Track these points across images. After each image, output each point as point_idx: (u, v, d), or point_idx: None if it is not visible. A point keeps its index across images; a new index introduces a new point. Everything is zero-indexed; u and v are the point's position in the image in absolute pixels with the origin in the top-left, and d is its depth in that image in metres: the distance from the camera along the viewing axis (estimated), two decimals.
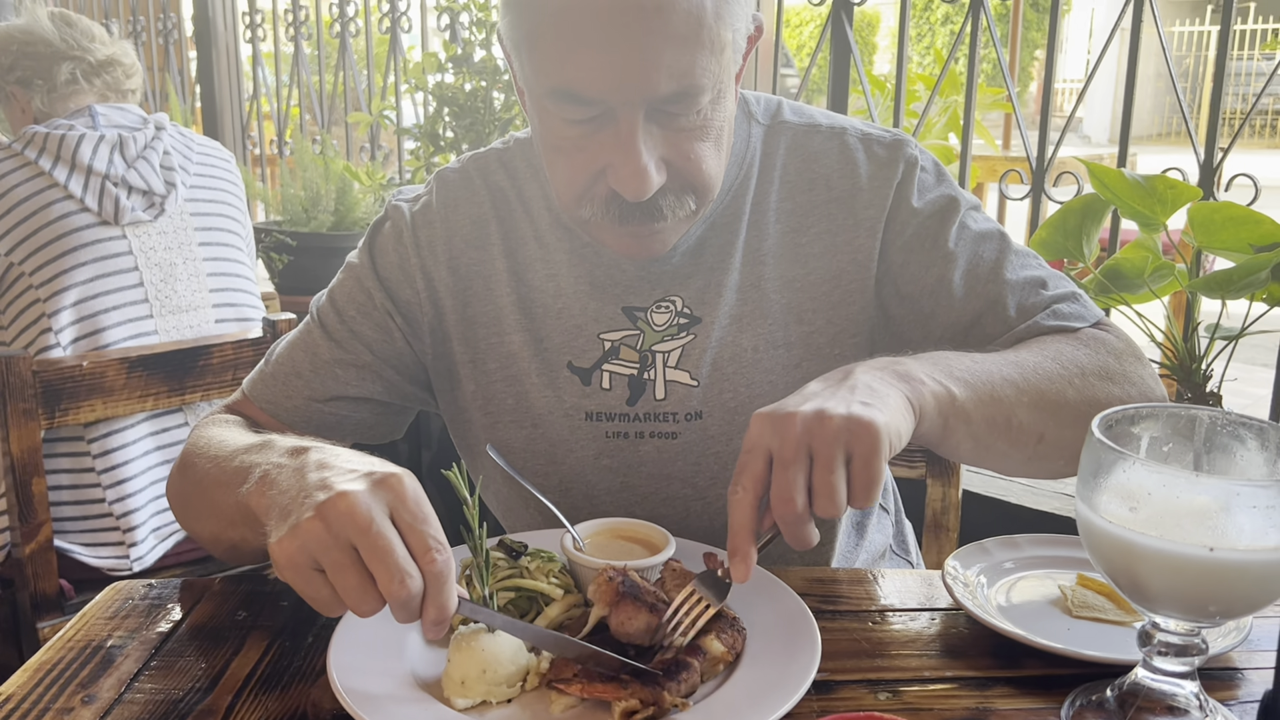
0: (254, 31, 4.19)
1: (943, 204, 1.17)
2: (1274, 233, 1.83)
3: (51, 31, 2.12)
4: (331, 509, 0.79)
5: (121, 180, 2.02)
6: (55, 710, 0.88)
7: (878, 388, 0.92)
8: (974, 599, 1.01)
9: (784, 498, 0.85)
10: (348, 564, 0.78)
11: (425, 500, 0.82)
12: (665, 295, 1.17)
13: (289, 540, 0.79)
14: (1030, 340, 1.10)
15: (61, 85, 2.13)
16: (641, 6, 0.93)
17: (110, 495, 2.02)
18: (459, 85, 3.01)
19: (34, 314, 1.98)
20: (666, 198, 1.04)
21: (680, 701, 0.81)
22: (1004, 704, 0.89)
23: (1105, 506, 0.78)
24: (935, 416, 0.96)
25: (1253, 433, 0.82)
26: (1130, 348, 1.11)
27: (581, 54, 0.96)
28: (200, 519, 1.09)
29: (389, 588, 0.78)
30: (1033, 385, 1.03)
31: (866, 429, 0.85)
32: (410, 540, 0.80)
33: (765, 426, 0.88)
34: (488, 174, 1.24)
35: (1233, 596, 0.74)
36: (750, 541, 0.87)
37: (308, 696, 0.90)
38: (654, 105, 0.99)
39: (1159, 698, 0.83)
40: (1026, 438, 1.03)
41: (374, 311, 1.21)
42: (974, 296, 1.14)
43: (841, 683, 0.92)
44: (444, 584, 0.80)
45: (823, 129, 1.21)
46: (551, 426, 1.19)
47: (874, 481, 0.86)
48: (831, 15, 2.41)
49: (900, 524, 1.42)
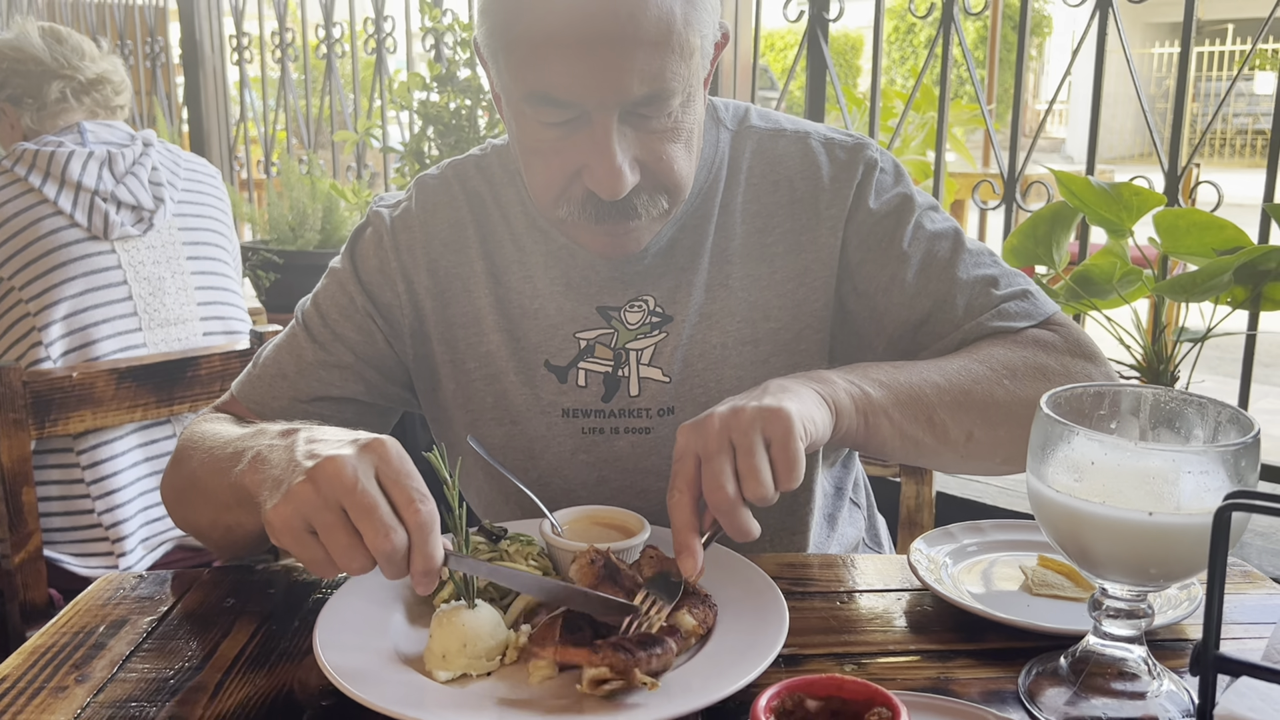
0: (241, 55, 4.24)
1: (898, 204, 1.21)
2: (1237, 237, 1.88)
3: (42, 49, 2.14)
4: (320, 472, 0.84)
5: (111, 196, 2.04)
6: (50, 689, 0.91)
7: (790, 386, 0.99)
8: (938, 579, 1.05)
9: (714, 486, 0.90)
10: (337, 524, 0.84)
11: (407, 459, 0.87)
12: (638, 295, 1.21)
13: (283, 505, 0.85)
14: (972, 345, 1.15)
15: (51, 104, 2.15)
16: (614, 14, 0.98)
17: (99, 506, 2.04)
18: (444, 104, 3.07)
19: (24, 327, 2.00)
20: (640, 197, 1.09)
21: (649, 681, 0.84)
22: (964, 674, 0.93)
23: (1052, 477, 0.82)
24: (854, 414, 1.02)
25: (1194, 408, 0.86)
26: (1077, 345, 1.14)
27: (558, 60, 1.00)
28: (196, 509, 1.13)
29: (375, 542, 0.83)
30: (956, 386, 1.08)
31: (777, 414, 0.92)
32: (394, 495, 0.85)
33: (689, 433, 0.95)
34: (466, 180, 1.28)
35: (1172, 559, 0.78)
36: (694, 538, 0.91)
37: (294, 675, 0.93)
38: (627, 108, 1.03)
39: (1110, 663, 0.87)
40: (954, 436, 1.08)
41: (356, 314, 1.25)
42: (925, 295, 1.18)
43: (809, 656, 0.95)
44: (428, 534, 0.85)
45: (787, 133, 1.25)
46: (530, 423, 1.23)
47: (793, 462, 0.91)
48: (807, 32, 2.48)
49: (872, 518, 1.45)
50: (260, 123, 4.38)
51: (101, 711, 0.87)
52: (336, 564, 0.85)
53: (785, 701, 0.76)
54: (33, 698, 0.89)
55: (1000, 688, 0.90)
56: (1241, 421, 0.81)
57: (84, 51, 2.19)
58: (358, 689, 0.85)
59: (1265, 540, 1.89)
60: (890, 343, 1.19)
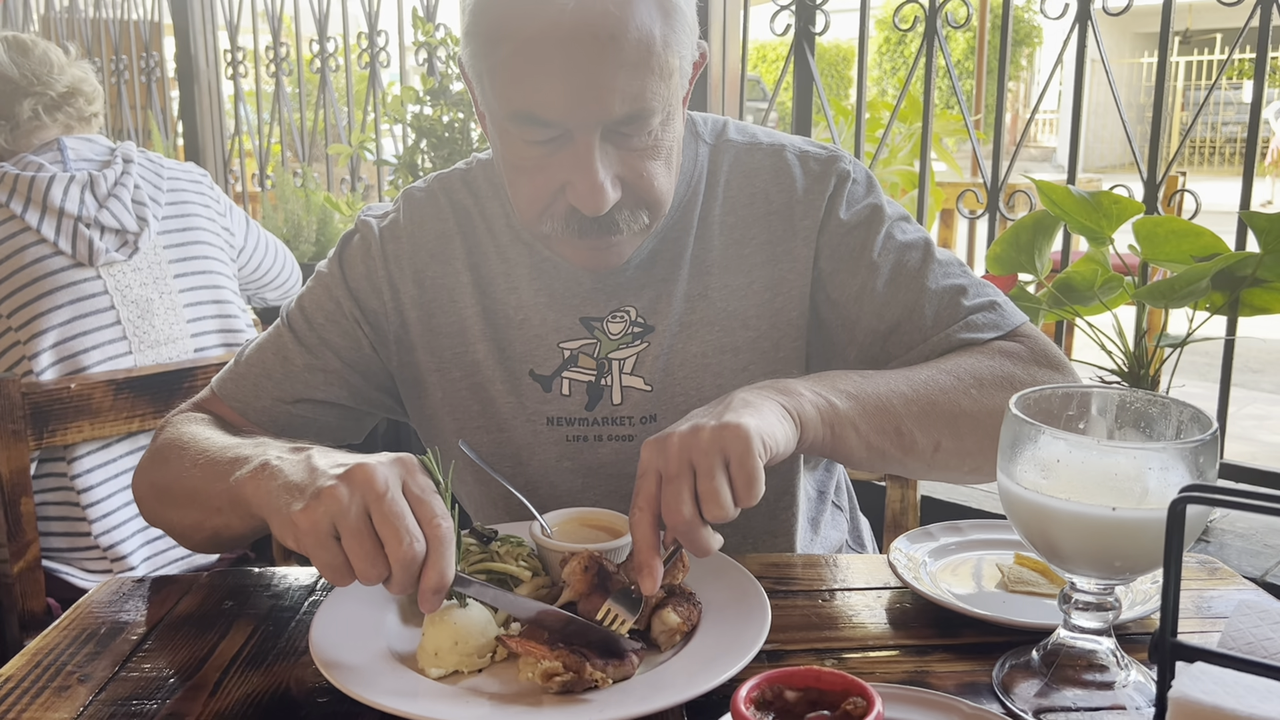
0: (235, 69, 4.28)
1: (869, 214, 1.24)
2: (1214, 244, 1.92)
3: (9, 66, 2.11)
4: (352, 477, 0.88)
5: (94, 221, 2.03)
6: (53, 689, 0.93)
7: (752, 400, 1.00)
8: (917, 577, 1.08)
9: (671, 509, 0.92)
10: (363, 530, 0.87)
11: (428, 479, 0.92)
12: (620, 306, 1.25)
13: (312, 507, 0.88)
14: (941, 356, 1.17)
15: (24, 123, 2.13)
16: (595, 36, 1.01)
17: (96, 529, 2.05)
18: (437, 117, 3.10)
19: (14, 355, 2.00)
20: (622, 212, 1.12)
21: (600, 676, 0.87)
22: (941, 668, 0.96)
23: (1021, 475, 0.85)
24: (820, 426, 1.04)
25: (1158, 408, 0.89)
26: (1044, 355, 1.17)
27: (541, 81, 1.04)
28: (180, 508, 1.15)
29: (397, 550, 0.86)
30: (923, 396, 1.10)
31: (735, 432, 0.92)
32: (418, 509, 0.89)
33: (651, 451, 0.96)
34: (452, 193, 1.32)
35: (1135, 552, 0.82)
36: (654, 556, 0.93)
37: (291, 673, 0.96)
38: (609, 127, 1.06)
39: (1080, 655, 0.90)
40: (921, 446, 1.10)
41: (343, 320, 1.28)
42: (894, 304, 1.21)
43: (791, 652, 0.98)
44: (446, 549, 0.88)
45: (763, 146, 1.28)
46: (516, 431, 1.26)
47: (751, 479, 0.92)
48: (794, 46, 2.51)
49: (855, 520, 1.48)
50: (255, 136, 4.41)
51: (104, 709, 0.90)
52: (354, 570, 0.88)
53: (765, 692, 0.79)
54: (36, 696, 0.92)
55: (975, 680, 0.93)
56: (1202, 420, 0.84)
57: (51, 62, 2.15)
58: (352, 686, 0.87)
59: (1245, 541, 1.93)
60: (861, 351, 1.22)
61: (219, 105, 4.43)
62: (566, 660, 0.87)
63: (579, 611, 0.96)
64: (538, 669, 0.87)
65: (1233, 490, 0.68)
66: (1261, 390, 5.73)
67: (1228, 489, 0.68)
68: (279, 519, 0.91)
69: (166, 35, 4.73)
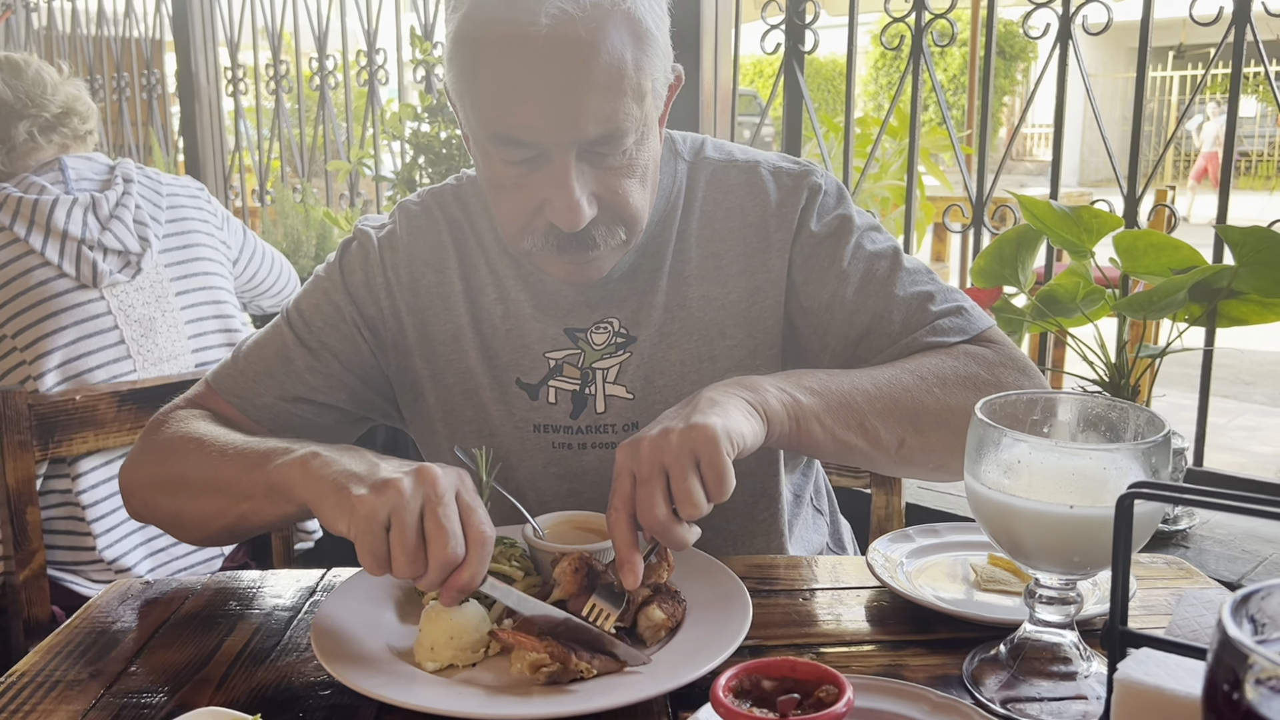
0: (235, 86, 4.34)
1: (838, 225, 1.29)
2: (1191, 257, 1.97)
3: (2, 89, 2.14)
4: (419, 476, 0.95)
5: (97, 243, 2.07)
6: (65, 683, 0.98)
7: (718, 399, 1.04)
8: (894, 576, 1.13)
9: (644, 509, 0.97)
10: (414, 525, 0.93)
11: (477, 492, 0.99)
12: (603, 317, 1.30)
13: (374, 495, 0.94)
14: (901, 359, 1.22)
15: (20, 145, 2.16)
16: (569, 61, 1.06)
17: (101, 543, 2.09)
18: (434, 134, 3.15)
19: (20, 375, 2.04)
20: (599, 228, 1.17)
21: (585, 667, 0.93)
22: (915, 661, 1.00)
23: (986, 475, 0.90)
24: (785, 420, 1.08)
25: (1117, 412, 0.94)
26: (1009, 359, 1.21)
27: (519, 103, 1.09)
28: (199, 498, 1.18)
29: (440, 553, 0.92)
30: (885, 394, 1.14)
31: (703, 432, 0.97)
32: (466, 516, 0.95)
33: (625, 453, 1.01)
34: (445, 207, 1.37)
35: (1092, 548, 0.86)
36: (633, 552, 0.98)
37: (294, 668, 1.00)
38: (584, 147, 1.11)
39: (1044, 648, 0.94)
40: (886, 441, 1.15)
41: (342, 324, 1.32)
42: (863, 311, 1.25)
43: (772, 647, 1.03)
44: (484, 555, 0.94)
45: (739, 163, 1.34)
46: (505, 437, 1.31)
47: (721, 477, 0.97)
48: (784, 64, 2.57)
49: (836, 524, 1.53)
50: (255, 151, 4.46)
51: (115, 701, 0.94)
52: (393, 561, 0.93)
53: (743, 682, 0.84)
54: (50, 690, 0.96)
55: (946, 673, 0.98)
56: (1156, 423, 0.88)
57: (44, 82, 2.18)
58: (353, 678, 0.92)
59: (1224, 547, 1.97)
60: (834, 356, 1.27)
61: (219, 121, 4.49)
62: (553, 651, 0.91)
63: (568, 609, 1.01)
64: (526, 660, 0.91)
65: (1176, 487, 0.73)
66: (1254, 402, 5.78)
67: (1171, 485, 0.73)
68: (334, 500, 0.96)
69: (168, 52, 4.80)
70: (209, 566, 2.22)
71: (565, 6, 1.05)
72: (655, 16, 1.13)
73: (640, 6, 1.10)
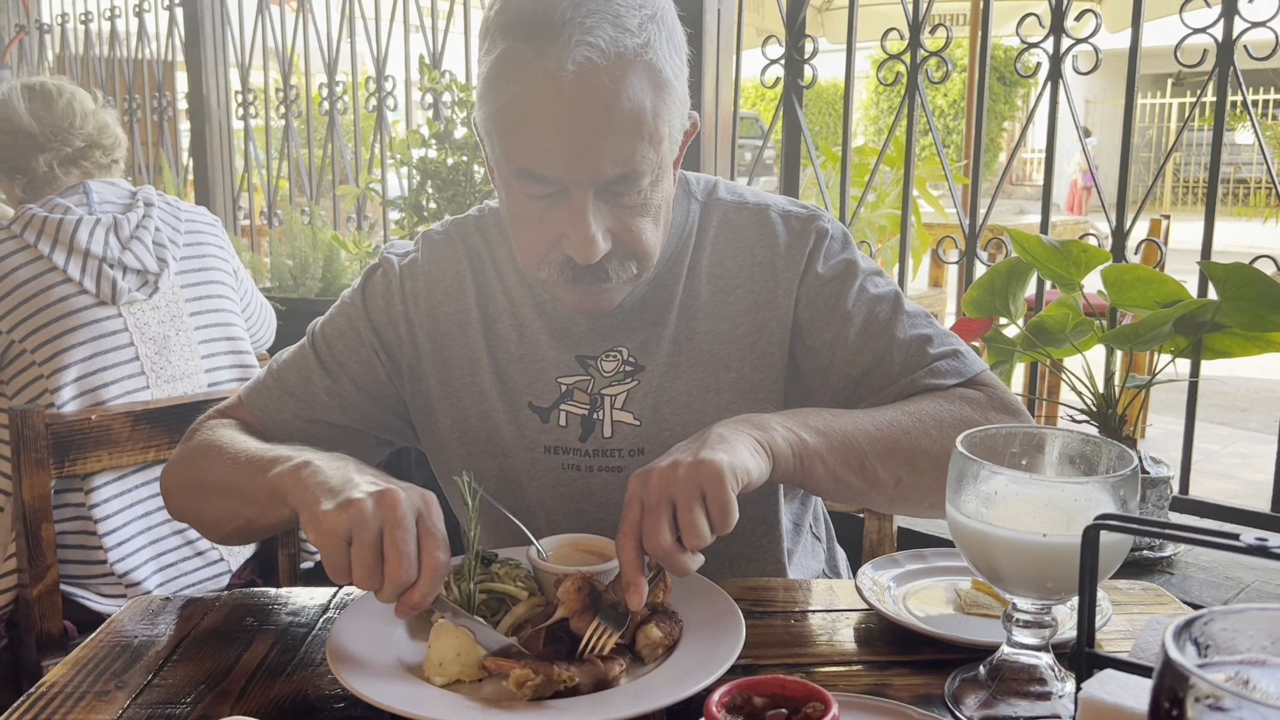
0: (245, 109, 4.41)
1: (844, 269, 1.35)
2: (1176, 291, 2.03)
3: (28, 121, 2.21)
4: (380, 498, 1.01)
5: (117, 262, 2.14)
6: (94, 694, 1.03)
7: (727, 436, 1.10)
8: (881, 599, 1.18)
9: (650, 536, 1.02)
10: (372, 544, 0.99)
11: (442, 516, 1.04)
12: (613, 346, 1.36)
13: (338, 512, 1.00)
14: (901, 401, 1.28)
15: (40, 177, 2.24)
16: (590, 104, 1.13)
17: (112, 557, 2.14)
18: (441, 160, 3.23)
19: (38, 389, 2.10)
20: (612, 262, 1.23)
21: (567, 676, 0.98)
22: (899, 681, 1.06)
23: (965, 505, 0.96)
24: (790, 457, 1.14)
25: (1090, 446, 1.00)
26: (1001, 402, 1.28)
27: (542, 142, 1.16)
28: (214, 500, 1.27)
29: (395, 573, 0.98)
30: (886, 435, 1.20)
31: (710, 467, 1.03)
32: (424, 540, 1.01)
33: (636, 483, 1.07)
34: (466, 237, 1.44)
35: (1064, 574, 0.91)
36: (639, 575, 1.03)
37: (310, 682, 1.06)
38: (602, 185, 1.18)
39: (1021, 669, 1.00)
40: (884, 481, 1.21)
41: (361, 348, 1.40)
42: (865, 352, 1.32)
43: (763, 666, 1.08)
44: (434, 580, 1.01)
45: (750, 205, 1.40)
46: (517, 458, 1.37)
47: (725, 511, 1.03)
48: (783, 96, 2.64)
49: (832, 550, 1.58)
50: (263, 172, 4.54)
51: (141, 712, 1.00)
52: (353, 575, 0.99)
53: (735, 698, 0.89)
54: (79, 700, 1.02)
55: (929, 692, 1.03)
56: (1125, 458, 0.94)
57: (74, 112, 2.25)
58: (367, 691, 0.97)
59: (1207, 574, 2.02)
60: (835, 393, 1.33)
61: (229, 143, 4.56)
62: (534, 666, 0.97)
63: (571, 628, 1.06)
64: (511, 677, 0.97)
65: (1138, 519, 0.78)
66: (1248, 429, 5.83)
67: (1133, 518, 0.79)
68: (307, 513, 1.04)
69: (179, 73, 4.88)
70: (217, 583, 2.27)
71: (591, 55, 1.12)
72: (675, 67, 1.20)
73: (661, 58, 1.17)
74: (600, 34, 1.12)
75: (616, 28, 1.13)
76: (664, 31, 1.18)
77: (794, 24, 2.58)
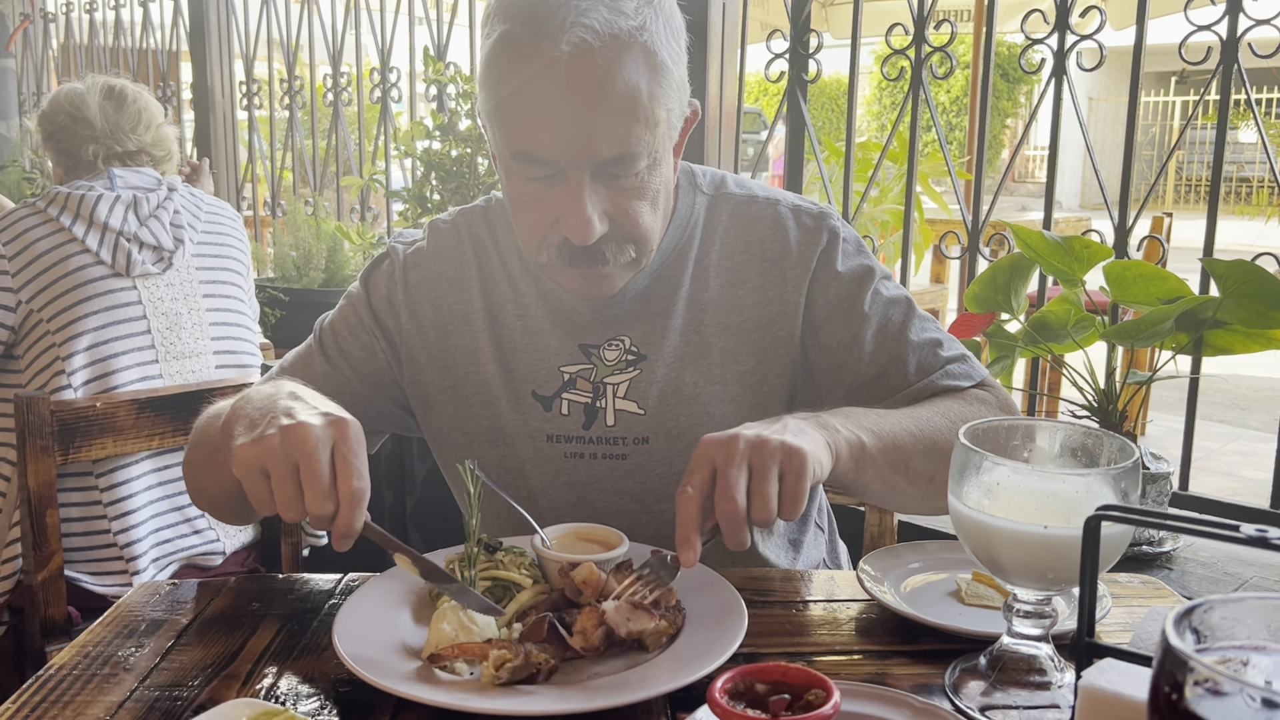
0: (250, 100, 4.42)
1: (861, 272, 1.37)
2: (1178, 288, 2.04)
3: (95, 114, 2.31)
4: (290, 433, 1.00)
5: (134, 236, 2.20)
6: (102, 676, 1.04)
7: (805, 429, 1.12)
8: (883, 590, 1.19)
9: (726, 496, 1.03)
10: (289, 477, 1.00)
11: (363, 442, 1.03)
12: (616, 335, 1.37)
13: (251, 447, 1.01)
14: (927, 399, 1.31)
15: (84, 163, 2.34)
16: (585, 86, 1.14)
17: (115, 527, 2.17)
18: (445, 152, 3.23)
19: (49, 357, 2.15)
20: (609, 245, 1.25)
21: (544, 658, 0.99)
22: (900, 670, 1.07)
23: (967, 496, 0.96)
24: (849, 460, 1.16)
25: (1092, 439, 1.01)
26: (1005, 406, 1.33)
27: (538, 124, 1.17)
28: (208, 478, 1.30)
29: (312, 504, 0.99)
30: (926, 435, 1.23)
31: (797, 452, 1.05)
32: (339, 466, 1.00)
33: (713, 444, 1.07)
34: (472, 226, 1.45)
35: (1064, 565, 0.92)
36: (696, 532, 1.04)
37: (315, 665, 1.07)
38: (598, 167, 1.19)
39: (1021, 659, 1.01)
40: (920, 479, 1.23)
41: (363, 334, 1.42)
42: (881, 353, 1.34)
43: (765, 655, 1.09)
44: (355, 506, 1.00)
45: (760, 200, 1.41)
46: (519, 446, 1.38)
47: (800, 497, 1.05)
48: (787, 92, 2.64)
49: (833, 541, 1.60)
50: (267, 163, 4.54)
51: (149, 693, 1.01)
52: (277, 506, 1.01)
53: (738, 684, 0.90)
54: (88, 682, 1.03)
55: (929, 681, 1.04)
56: (1127, 450, 0.95)
57: (138, 122, 2.35)
58: (371, 674, 0.98)
59: (1207, 569, 2.03)
60: (847, 392, 1.35)
61: (233, 133, 4.57)
62: (509, 648, 0.98)
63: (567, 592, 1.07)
64: (489, 661, 0.97)
65: (1139, 510, 0.79)
66: (1248, 427, 5.83)
67: (1134, 509, 0.79)
68: (228, 447, 1.05)
69: (183, 63, 4.88)
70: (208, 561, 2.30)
71: (586, 36, 1.13)
72: (671, 52, 1.21)
73: (657, 41, 1.18)
74: (595, 16, 1.13)
75: (612, 10, 1.14)
76: (661, 17, 1.19)
77: (799, 19, 2.58)
